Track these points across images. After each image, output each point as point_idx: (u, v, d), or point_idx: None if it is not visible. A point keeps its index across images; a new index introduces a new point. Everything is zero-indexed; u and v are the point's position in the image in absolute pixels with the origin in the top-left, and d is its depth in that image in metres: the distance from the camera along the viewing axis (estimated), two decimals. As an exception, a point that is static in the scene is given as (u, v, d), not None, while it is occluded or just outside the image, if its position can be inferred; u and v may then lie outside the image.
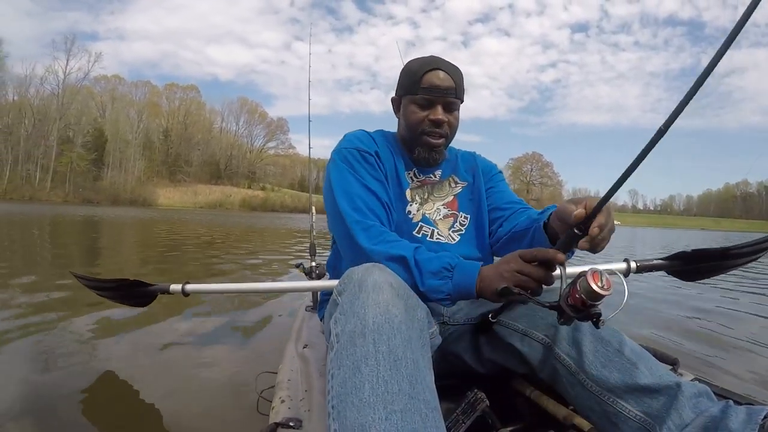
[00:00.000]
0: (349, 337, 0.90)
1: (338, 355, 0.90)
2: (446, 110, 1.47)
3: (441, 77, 1.43)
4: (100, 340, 2.90)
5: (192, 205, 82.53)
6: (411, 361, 0.87)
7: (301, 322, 2.09)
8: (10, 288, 4.36)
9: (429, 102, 1.45)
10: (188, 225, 19.54)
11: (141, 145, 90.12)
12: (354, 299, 0.97)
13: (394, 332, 0.89)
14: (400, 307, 0.95)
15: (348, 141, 1.51)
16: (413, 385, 0.83)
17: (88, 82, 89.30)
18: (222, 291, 1.85)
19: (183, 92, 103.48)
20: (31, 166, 76.32)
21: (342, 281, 1.06)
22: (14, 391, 2.04)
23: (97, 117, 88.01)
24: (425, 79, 1.43)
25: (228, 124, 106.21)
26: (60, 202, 66.70)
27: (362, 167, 1.44)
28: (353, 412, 0.80)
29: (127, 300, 1.85)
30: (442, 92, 1.43)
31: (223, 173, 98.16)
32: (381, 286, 0.98)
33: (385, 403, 0.79)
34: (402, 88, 1.52)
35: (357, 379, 0.84)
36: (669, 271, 1.51)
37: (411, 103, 1.48)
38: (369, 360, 0.85)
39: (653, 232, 56.70)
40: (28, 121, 77.57)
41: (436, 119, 1.45)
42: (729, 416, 0.97)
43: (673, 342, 3.21)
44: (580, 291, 0.92)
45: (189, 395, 2.11)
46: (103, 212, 30.72)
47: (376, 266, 1.07)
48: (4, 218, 17.28)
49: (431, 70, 1.44)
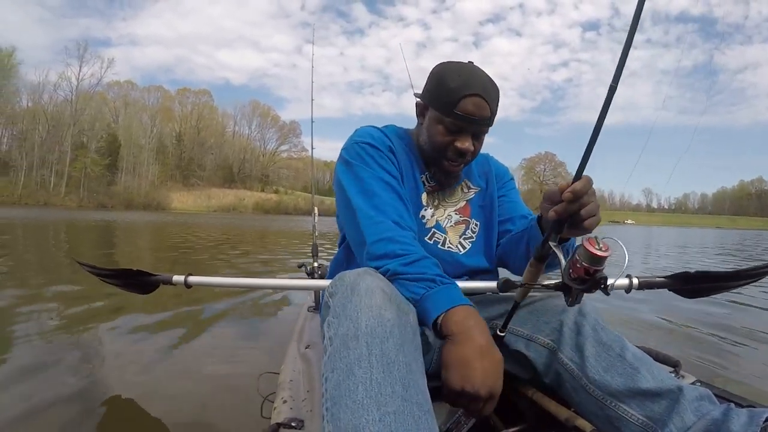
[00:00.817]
0: (342, 340, 0.89)
1: (332, 358, 0.89)
2: (474, 138, 1.34)
3: (478, 105, 1.28)
4: (100, 341, 2.93)
5: (205, 208, 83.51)
6: (404, 365, 0.86)
7: (303, 323, 2.09)
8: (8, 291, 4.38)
9: (459, 128, 1.31)
10: (203, 228, 19.72)
11: (154, 149, 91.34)
12: (346, 302, 0.95)
13: (386, 335, 0.88)
14: (392, 311, 0.94)
15: (359, 135, 1.41)
16: (406, 388, 0.83)
17: (101, 88, 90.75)
18: (224, 285, 1.85)
19: (195, 97, 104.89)
20: (45, 171, 77.76)
21: (333, 283, 1.05)
22: (12, 389, 2.07)
23: (111, 122, 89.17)
24: (462, 105, 1.27)
25: (240, 128, 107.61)
26: (74, 206, 67.78)
27: (375, 161, 1.34)
28: (347, 413, 0.79)
29: (130, 287, 1.82)
30: (476, 122, 1.30)
31: (236, 177, 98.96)
32: (373, 290, 0.96)
33: (378, 405, 0.79)
34: (431, 99, 1.35)
35: (350, 381, 0.83)
36: (671, 289, 1.49)
37: (439, 123, 1.33)
38: (362, 362, 0.84)
39: (669, 231, 56.33)
40: (42, 127, 78.99)
41: (462, 148, 1.33)
42: (730, 419, 0.96)
43: (674, 344, 3.19)
44: (580, 260, 0.91)
45: (190, 396, 2.12)
46: (117, 216, 31.21)
47: (368, 271, 1.06)
48: (22, 223, 17.44)
49: (470, 96, 1.27)
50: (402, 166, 1.41)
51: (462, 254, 1.45)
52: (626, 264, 0.93)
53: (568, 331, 1.20)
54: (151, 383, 2.23)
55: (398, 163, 1.40)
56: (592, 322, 1.19)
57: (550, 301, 1.29)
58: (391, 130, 1.49)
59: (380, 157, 1.36)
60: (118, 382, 2.23)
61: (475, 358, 0.92)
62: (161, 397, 2.07)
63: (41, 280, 5.11)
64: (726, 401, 1.13)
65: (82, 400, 2.01)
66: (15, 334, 2.95)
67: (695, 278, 1.44)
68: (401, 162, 1.41)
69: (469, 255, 1.46)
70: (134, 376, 2.32)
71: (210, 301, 4.14)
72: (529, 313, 1.30)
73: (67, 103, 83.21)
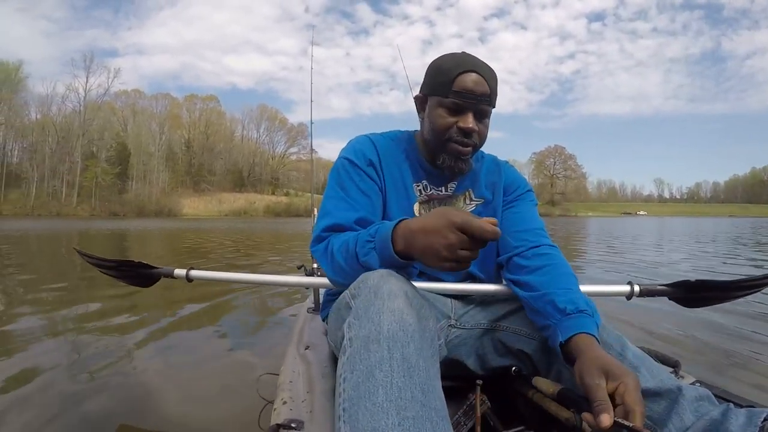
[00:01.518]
0: (363, 343, 0.89)
1: (351, 359, 0.89)
2: (477, 118, 1.33)
3: (476, 81, 1.29)
4: (100, 341, 2.96)
5: (217, 213, 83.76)
6: (423, 370, 0.86)
7: (302, 324, 2.07)
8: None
9: (460, 107, 1.30)
10: (214, 233, 19.72)
11: (164, 156, 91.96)
12: (369, 305, 0.96)
13: (408, 340, 0.89)
14: (413, 316, 0.94)
15: (345, 150, 1.44)
16: (425, 394, 0.83)
17: (109, 98, 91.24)
18: (226, 279, 1.81)
19: (203, 103, 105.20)
20: (56, 182, 78.56)
21: (356, 285, 1.06)
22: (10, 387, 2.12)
23: (120, 131, 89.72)
24: (458, 82, 1.28)
25: (249, 132, 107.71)
26: (86, 216, 68.22)
27: (349, 178, 1.37)
28: (366, 416, 0.80)
29: (129, 279, 1.81)
30: (475, 98, 1.29)
31: (246, 181, 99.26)
32: (396, 293, 0.97)
33: (398, 409, 0.79)
34: (429, 86, 1.37)
35: (370, 383, 0.83)
36: (671, 297, 1.50)
37: (439, 106, 1.33)
38: (383, 366, 0.84)
39: (681, 221, 56.07)
40: (52, 139, 79.75)
41: (466, 128, 1.31)
42: (729, 419, 0.95)
43: (673, 345, 3.18)
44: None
45: (190, 397, 2.13)
46: (129, 225, 31.39)
47: (392, 273, 1.05)
48: (36, 235, 17.57)
49: (465, 72, 1.29)
50: (389, 176, 1.42)
51: None
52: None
53: None
54: (150, 383, 2.25)
55: (384, 174, 1.42)
56: None
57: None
58: (387, 137, 1.50)
59: (356, 173, 1.38)
60: (116, 382, 2.26)
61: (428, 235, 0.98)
62: (158, 398, 2.09)
63: (35, 281, 5.10)
64: (725, 401, 1.12)
65: (75, 401, 2.02)
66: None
67: (695, 287, 1.46)
68: (388, 173, 1.43)
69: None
70: (134, 375, 2.34)
71: (210, 301, 4.19)
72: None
73: (75, 113, 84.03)
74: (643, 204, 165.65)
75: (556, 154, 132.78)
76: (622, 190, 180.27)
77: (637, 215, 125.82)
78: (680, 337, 3.34)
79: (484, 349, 1.36)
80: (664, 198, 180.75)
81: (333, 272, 1.24)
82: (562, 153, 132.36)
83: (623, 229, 26.25)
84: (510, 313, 1.32)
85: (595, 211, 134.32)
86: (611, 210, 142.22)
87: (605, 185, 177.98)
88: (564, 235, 19.55)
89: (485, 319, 1.37)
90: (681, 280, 1.47)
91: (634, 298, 1.40)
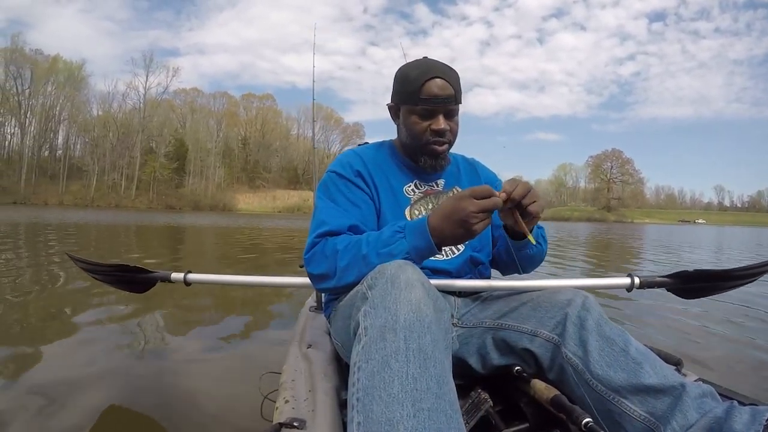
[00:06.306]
0: (380, 332, 0.90)
1: (366, 348, 0.90)
2: (447, 117, 1.45)
3: (441, 86, 1.40)
4: (100, 341, 2.92)
5: (271, 209, 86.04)
6: (438, 361, 0.88)
7: (304, 323, 2.04)
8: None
9: (430, 112, 1.42)
10: (271, 230, 20.05)
11: (221, 153, 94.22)
12: (386, 294, 0.96)
13: (424, 331, 0.89)
14: (430, 307, 0.95)
15: (332, 165, 1.53)
16: (440, 385, 0.84)
17: (168, 96, 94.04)
18: (225, 282, 1.83)
19: (259, 101, 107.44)
20: (116, 175, 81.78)
21: (373, 276, 1.07)
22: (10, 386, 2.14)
23: (178, 128, 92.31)
24: (425, 90, 1.40)
25: (305, 131, 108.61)
26: (144, 208, 71.36)
27: (337, 190, 1.45)
28: (380, 406, 0.80)
29: (123, 285, 1.79)
30: (443, 101, 1.41)
31: (301, 178, 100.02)
32: (413, 283, 0.97)
33: (413, 401, 0.80)
34: (399, 96, 1.49)
35: (386, 373, 0.84)
36: (669, 288, 1.54)
37: (411, 114, 1.45)
38: (399, 356, 0.85)
39: (742, 230, 54.71)
40: (113, 134, 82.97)
41: (438, 129, 1.43)
42: (733, 417, 0.95)
43: (676, 342, 3.19)
44: None
45: (192, 396, 2.12)
46: (184, 219, 32.29)
47: (409, 264, 1.07)
48: (96, 226, 18.08)
49: (430, 79, 1.40)
50: (377, 182, 1.51)
51: (452, 259, 1.49)
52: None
53: (572, 325, 1.19)
54: (150, 383, 2.27)
55: (372, 181, 1.50)
56: (596, 316, 1.19)
57: (554, 296, 1.29)
58: (371, 148, 1.62)
59: (344, 185, 1.47)
60: (116, 382, 2.25)
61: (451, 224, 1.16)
62: (159, 398, 2.10)
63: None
64: (729, 399, 1.13)
65: (77, 399, 2.02)
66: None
67: (694, 277, 1.50)
68: (377, 180, 1.51)
69: (457, 259, 1.50)
70: (134, 375, 2.36)
71: (211, 301, 4.27)
72: (532, 309, 1.30)
73: (135, 110, 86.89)
74: (702, 212, 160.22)
75: (613, 157, 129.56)
76: (681, 197, 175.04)
77: (696, 223, 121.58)
78: (680, 337, 3.34)
79: (486, 348, 1.37)
80: (724, 206, 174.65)
81: (327, 269, 1.27)
82: (619, 157, 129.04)
83: (680, 237, 25.36)
84: (512, 311, 1.34)
85: (652, 218, 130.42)
86: (669, 218, 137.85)
87: (663, 191, 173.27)
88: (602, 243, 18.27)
89: (487, 317, 1.39)
90: (680, 271, 1.51)
91: (635, 290, 1.48)
